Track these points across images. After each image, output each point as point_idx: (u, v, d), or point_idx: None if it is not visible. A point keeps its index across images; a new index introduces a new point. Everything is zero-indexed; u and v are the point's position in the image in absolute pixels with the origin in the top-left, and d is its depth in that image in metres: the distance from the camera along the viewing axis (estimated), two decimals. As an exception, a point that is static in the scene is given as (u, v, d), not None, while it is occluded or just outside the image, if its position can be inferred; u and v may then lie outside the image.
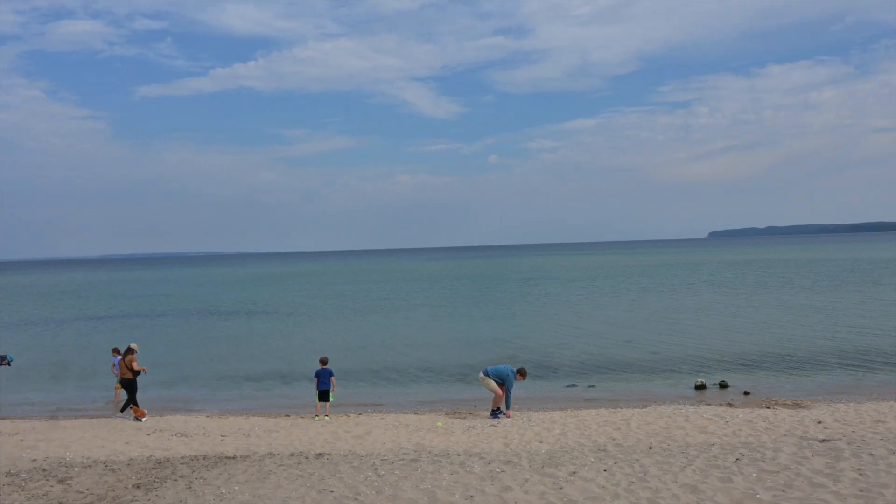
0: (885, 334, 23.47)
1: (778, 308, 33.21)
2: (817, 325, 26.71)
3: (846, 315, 29.29)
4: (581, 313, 34.64)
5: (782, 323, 27.75)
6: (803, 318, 29.09)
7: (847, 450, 9.23)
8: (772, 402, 14.41)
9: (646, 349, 22.55)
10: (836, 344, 22.01)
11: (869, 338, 22.88)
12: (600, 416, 13.10)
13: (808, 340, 22.96)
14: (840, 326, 25.92)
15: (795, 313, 30.75)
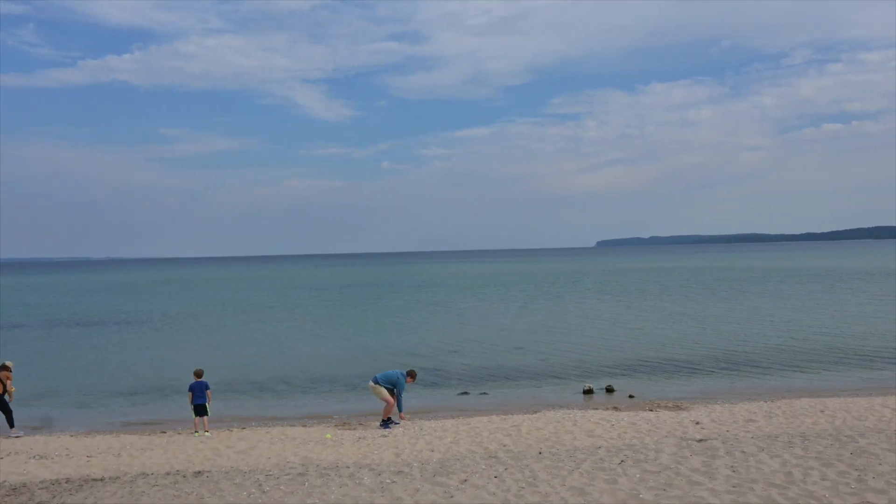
0: (753, 340, 25.49)
1: (658, 315, 35.30)
2: (693, 331, 28.59)
3: (719, 321, 31.58)
4: (472, 321, 35.24)
5: (662, 329, 29.49)
6: (681, 324, 31.07)
7: (722, 448, 9.90)
8: (654, 404, 15.25)
9: (535, 356, 23.24)
10: (711, 349, 23.65)
11: (738, 343, 24.75)
12: (492, 422, 13.33)
13: (686, 345, 24.52)
14: (714, 332, 27.88)
15: (674, 320, 32.79)
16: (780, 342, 24.55)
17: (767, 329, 28.23)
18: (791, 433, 11.10)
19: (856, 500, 6.88)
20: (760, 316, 33.07)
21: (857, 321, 29.98)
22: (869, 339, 24.65)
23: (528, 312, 38.79)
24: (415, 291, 60.95)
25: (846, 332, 26.71)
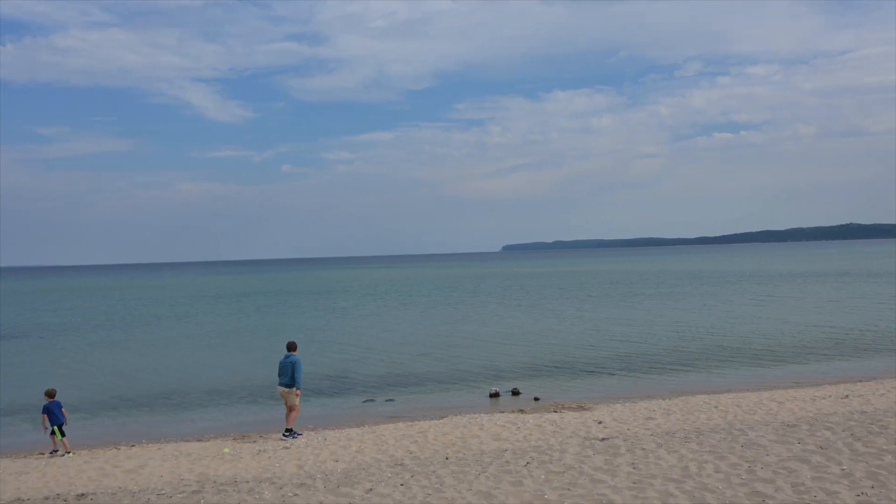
0: (650, 340, 26.75)
1: (560, 318, 36.45)
2: (594, 333, 29.67)
3: (617, 323, 32.96)
4: (376, 327, 35.08)
5: (564, 332, 30.43)
6: (582, 326, 32.19)
7: (623, 446, 10.29)
8: (559, 406, 15.68)
9: (441, 361, 23.39)
10: (612, 350, 24.60)
11: (637, 344, 25.89)
12: (398, 430, 13.28)
13: (588, 347, 25.40)
14: (613, 334, 29.05)
15: (575, 322, 33.94)
16: (675, 342, 25.88)
17: (662, 330, 29.70)
18: (687, 429, 11.68)
19: (746, 490, 7.32)
20: (656, 317, 34.81)
21: (743, 321, 32.10)
22: (755, 337, 26.41)
23: (431, 318, 39.04)
24: (317, 298, 59.99)
25: (734, 331, 28.51)
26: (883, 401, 13.80)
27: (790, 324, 30.14)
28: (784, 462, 8.39)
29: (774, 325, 29.76)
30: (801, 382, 17.76)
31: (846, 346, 23.53)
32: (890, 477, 7.34)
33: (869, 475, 7.47)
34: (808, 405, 13.99)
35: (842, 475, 7.56)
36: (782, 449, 9.16)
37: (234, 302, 58.82)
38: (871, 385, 16.34)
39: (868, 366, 19.86)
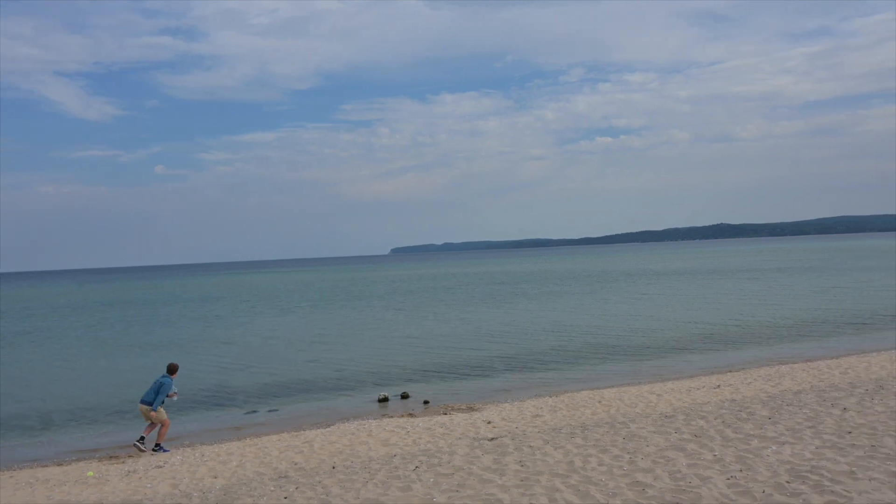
0: (536, 339, 27.57)
1: (447, 319, 36.87)
2: (482, 333, 30.22)
3: (504, 323, 33.76)
4: (257, 334, 34.05)
5: (452, 333, 30.78)
6: (470, 327, 32.71)
7: (511, 445, 10.48)
8: (448, 408, 15.80)
9: (327, 367, 23.00)
10: (500, 350, 25.11)
11: (523, 343, 26.61)
12: (282, 440, 12.89)
13: (476, 348, 25.80)
14: (500, 333, 29.71)
15: (462, 323, 34.44)
16: (559, 340, 26.80)
17: (547, 329, 30.70)
18: (573, 424, 12.08)
19: (627, 480, 7.63)
20: (540, 317, 35.98)
21: (622, 318, 33.78)
22: (633, 333, 27.82)
23: (315, 323, 38.40)
24: (191, 307, 57.45)
25: (614, 328, 29.92)
26: (750, 389, 14.89)
27: (663, 320, 32.01)
28: (662, 451, 8.83)
29: (650, 322, 31.50)
30: (678, 375, 18.85)
31: (716, 340, 25.25)
32: (756, 460, 7.89)
33: (738, 459, 7.99)
34: (685, 396, 14.87)
35: (714, 461, 8.04)
36: (661, 439, 9.64)
37: (97, 313, 55.18)
38: (740, 375, 17.60)
39: (737, 357, 21.39)
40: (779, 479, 7.02)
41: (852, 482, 6.71)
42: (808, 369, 17.18)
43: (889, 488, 6.44)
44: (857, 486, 6.60)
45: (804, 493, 6.52)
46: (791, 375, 16.37)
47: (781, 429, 9.47)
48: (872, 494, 6.32)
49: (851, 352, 20.59)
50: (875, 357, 18.38)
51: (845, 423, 9.42)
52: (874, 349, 20.63)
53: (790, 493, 6.59)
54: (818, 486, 6.68)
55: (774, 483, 6.92)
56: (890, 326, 26.27)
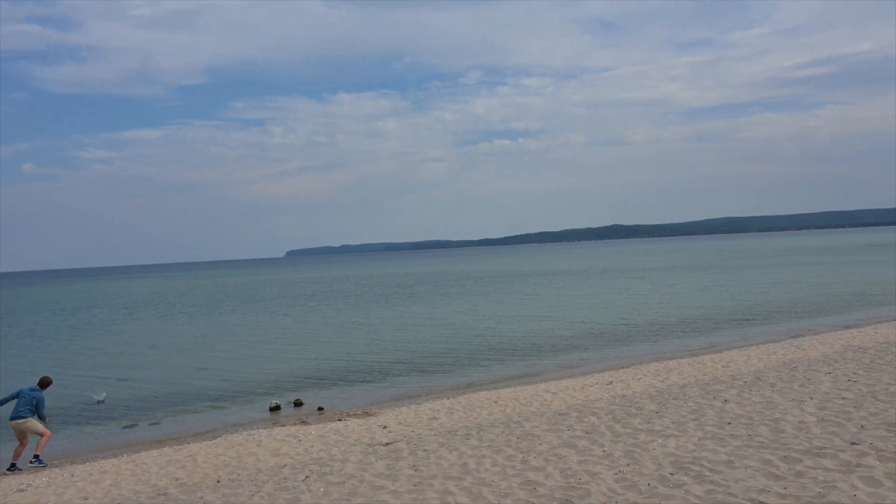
0: (434, 341, 27.70)
1: (343, 323, 36.49)
2: (377, 336, 30.07)
3: (400, 325, 33.77)
4: (136, 343, 32.40)
5: (348, 337, 30.46)
6: (366, 330, 32.49)
7: (406, 449, 10.42)
8: (344, 414, 15.55)
9: (215, 376, 22.15)
10: (396, 353, 25.04)
11: (419, 345, 26.67)
12: (163, 455, 12.25)
13: (372, 352, 25.62)
14: (396, 336, 29.68)
15: (358, 327, 34.16)
16: (455, 342, 27.04)
17: (442, 330, 30.93)
18: (469, 426, 12.17)
19: (519, 480, 7.74)
20: (435, 318, 36.26)
21: (518, 318, 34.56)
22: (528, 333, 28.49)
23: (202, 330, 37.02)
24: (63, 315, 53.95)
25: (510, 328, 30.54)
26: (640, 384, 15.53)
27: (557, 320, 32.99)
28: (555, 449, 9.02)
29: (544, 322, 32.36)
30: (573, 373, 19.43)
31: (608, 337, 26.24)
32: (643, 454, 8.19)
33: (626, 454, 8.27)
34: (578, 393, 15.31)
35: (603, 456, 8.29)
36: (554, 437, 9.85)
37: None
38: (631, 371, 18.34)
39: (628, 353, 22.30)
40: (663, 472, 7.32)
41: (730, 471, 7.09)
42: (693, 364, 18.10)
43: (762, 475, 6.84)
44: (734, 474, 6.97)
45: (686, 484, 6.81)
46: (678, 370, 17.20)
47: (667, 422, 9.90)
48: (748, 482, 6.69)
49: (733, 346, 21.90)
50: (754, 350, 19.63)
51: (725, 415, 9.96)
52: (753, 343, 22.04)
53: (673, 484, 6.87)
54: (699, 477, 7.00)
55: (659, 476, 7.20)
56: (766, 321, 28.19)
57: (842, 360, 14.22)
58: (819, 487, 6.32)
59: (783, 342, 21.13)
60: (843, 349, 16.52)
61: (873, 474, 6.51)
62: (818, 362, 14.44)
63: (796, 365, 14.48)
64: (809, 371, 13.26)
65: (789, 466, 7.03)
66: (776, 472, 6.87)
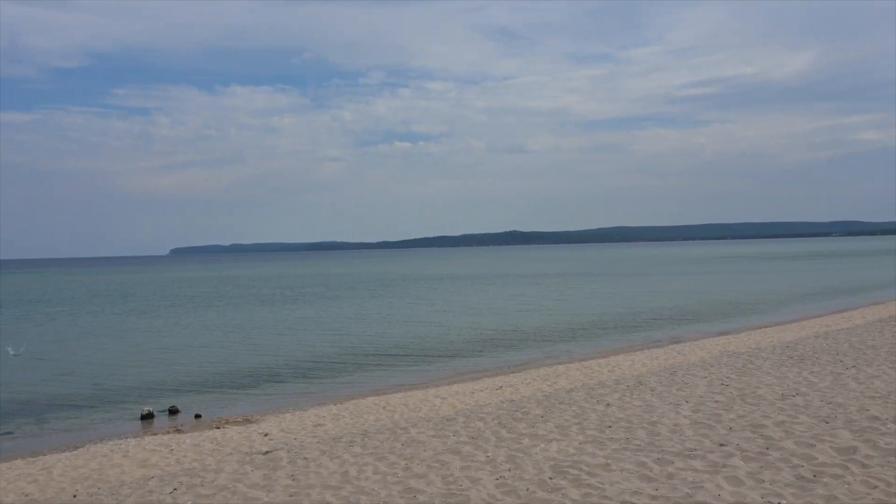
0: (320, 345, 27.23)
1: (224, 325, 35.34)
2: (263, 340, 29.28)
3: (283, 330, 33.05)
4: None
5: (230, 341, 29.48)
6: (249, 334, 31.58)
7: (286, 458, 10.13)
8: (222, 421, 14.98)
9: (82, 381, 20.83)
10: (281, 357, 24.42)
11: (306, 350, 26.11)
12: (14, 469, 11.34)
13: (256, 356, 24.89)
14: (282, 341, 29.01)
15: (240, 330, 33.18)
16: (346, 346, 26.72)
17: (333, 334, 30.54)
18: (354, 432, 11.99)
19: (400, 487, 7.67)
20: (322, 322, 35.74)
21: (410, 322, 34.62)
22: (421, 338, 28.55)
23: (68, 331, 34.83)
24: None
25: (401, 332, 30.51)
26: (529, 389, 15.84)
27: (449, 325, 33.29)
28: (438, 455, 9.02)
29: (435, 327, 32.53)
30: (464, 377, 19.59)
31: (500, 342, 26.68)
32: (525, 458, 8.32)
33: (508, 459, 8.38)
34: (468, 398, 15.44)
35: (486, 462, 8.36)
36: (438, 443, 9.86)
37: None
38: (521, 375, 18.70)
39: (520, 358, 22.74)
40: (543, 476, 7.45)
41: (606, 474, 7.30)
42: (581, 368, 18.69)
43: (636, 477, 7.09)
44: (610, 477, 7.18)
45: (564, 488, 6.96)
46: (566, 375, 17.69)
47: (551, 426, 10.13)
48: (622, 484, 6.91)
49: (620, 351, 22.80)
50: (638, 355, 20.51)
51: (607, 418, 10.30)
52: (638, 348, 23.03)
53: (551, 488, 7.01)
54: (577, 480, 7.17)
55: (538, 480, 7.33)
56: (651, 327, 29.55)
57: (717, 365, 15.06)
58: (688, 488, 6.61)
59: (666, 347, 22.19)
60: (720, 354, 17.51)
61: (737, 474, 6.89)
62: (696, 367, 15.23)
63: (676, 369, 15.22)
64: (687, 375, 13.96)
65: (662, 468, 7.33)
66: (649, 474, 7.14)
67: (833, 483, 6.52)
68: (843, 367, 13.14)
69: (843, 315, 27.84)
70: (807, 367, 13.52)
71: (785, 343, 18.31)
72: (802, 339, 19.02)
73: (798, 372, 13.08)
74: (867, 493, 6.19)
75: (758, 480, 6.71)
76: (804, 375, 12.61)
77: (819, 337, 18.93)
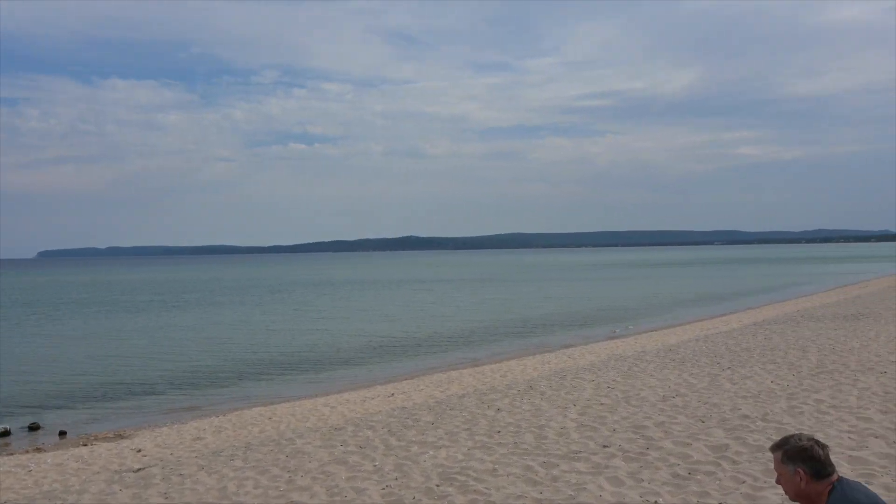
0: (197, 355, 26.24)
1: (94, 333, 33.63)
2: (134, 350, 27.91)
3: (161, 339, 31.73)
4: None
5: (100, 349, 28.00)
6: (120, 342, 30.10)
7: (159, 475, 9.68)
8: (90, 438, 14.16)
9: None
10: (159, 368, 23.35)
11: (188, 360, 25.14)
12: None
13: (128, 367, 23.68)
14: (159, 351, 27.73)
15: (112, 338, 31.59)
16: (229, 355, 25.90)
17: (212, 343, 29.51)
18: (236, 445, 11.61)
19: (282, 501, 7.49)
20: (201, 331, 34.60)
21: (300, 331, 34.07)
22: (313, 346, 28.10)
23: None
24: None
25: (289, 341, 29.94)
26: (421, 395, 15.89)
27: (340, 331, 33.00)
28: (324, 466, 8.88)
29: (326, 334, 32.06)
30: (356, 385, 19.41)
31: (393, 349, 26.66)
32: (413, 466, 8.32)
33: (396, 468, 8.35)
34: (358, 407, 15.31)
35: (373, 471, 8.30)
36: (325, 453, 9.71)
37: None
38: (414, 382, 18.74)
39: (414, 365, 22.79)
40: (430, 484, 7.48)
41: (493, 479, 7.42)
42: (474, 374, 18.93)
43: (523, 482, 7.24)
44: (496, 482, 7.30)
45: (450, 495, 7.01)
46: (459, 380, 17.87)
47: (441, 433, 10.19)
48: (508, 489, 7.04)
49: (512, 356, 23.27)
50: (530, 360, 21.00)
51: (496, 423, 10.47)
52: (530, 353, 23.59)
53: (438, 496, 7.04)
54: (463, 487, 7.24)
55: (425, 488, 7.35)
56: (543, 332, 30.37)
57: (604, 369, 15.66)
58: (571, 490, 6.82)
59: (557, 352, 22.85)
60: (608, 358, 18.21)
61: (618, 474, 7.17)
62: (584, 370, 15.77)
63: (565, 373, 15.70)
64: (576, 379, 14.42)
65: (547, 471, 7.52)
66: (535, 478, 7.31)
67: (706, 480, 6.90)
68: (719, 369, 13.97)
69: (721, 319, 29.61)
70: (687, 370, 14.27)
71: (668, 346, 19.26)
72: (684, 342, 20.08)
73: (679, 374, 13.79)
74: (736, 489, 6.59)
75: (637, 480, 7.01)
76: (684, 377, 13.31)
77: (699, 340, 20.05)
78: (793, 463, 3.30)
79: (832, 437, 8.08)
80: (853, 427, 8.54)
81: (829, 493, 3.23)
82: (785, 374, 12.79)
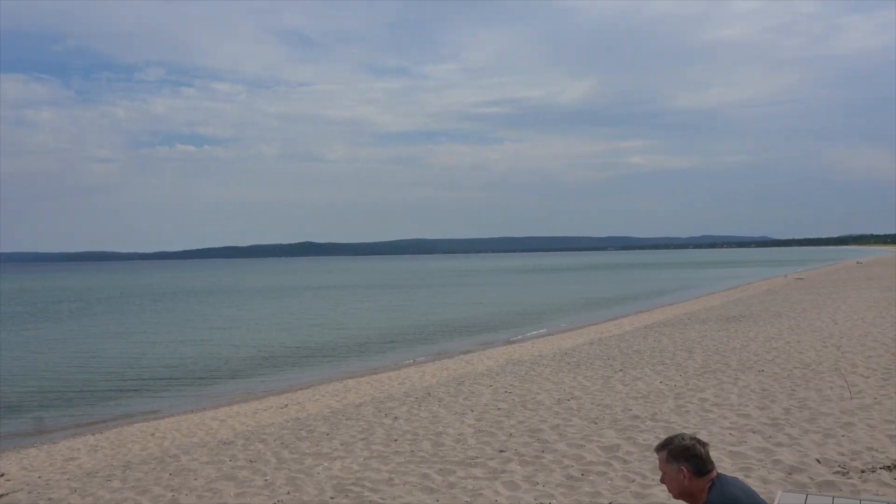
0: (68, 369, 24.86)
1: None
2: (9, 363, 26.17)
3: (23, 353, 29.91)
4: None
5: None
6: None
7: (25, 500, 9.07)
8: (-56, 464, 13.08)
9: None
10: (26, 383, 21.95)
11: (49, 373, 23.80)
12: None
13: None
14: (31, 364, 26.17)
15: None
16: (103, 368, 24.65)
17: (86, 356, 27.95)
18: (114, 465, 11.04)
19: (163, 521, 7.17)
20: (74, 340, 33.00)
21: (179, 342, 32.88)
22: (195, 358, 27.13)
23: None
24: None
25: (169, 352, 28.80)
26: (316, 405, 15.63)
27: (229, 342, 32.10)
28: (211, 483, 8.57)
29: (213, 345, 31.06)
30: (247, 397, 18.88)
31: (287, 359, 26.13)
32: (306, 479, 8.16)
33: (288, 481, 8.17)
34: (249, 419, 14.89)
35: (264, 486, 8.08)
36: (212, 469, 9.37)
37: None
38: (310, 392, 18.42)
39: (309, 374, 22.40)
40: (324, 497, 7.36)
41: (389, 489, 7.38)
42: (372, 382, 18.81)
43: (419, 489, 7.25)
44: (392, 491, 7.27)
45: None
46: (356, 389, 17.71)
47: (336, 444, 10.05)
48: (405, 498, 7.03)
49: (411, 363, 23.29)
50: (429, 367, 21.09)
51: (393, 432, 10.44)
52: (429, 360, 23.69)
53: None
54: (359, 498, 7.17)
55: (319, 501, 7.22)
56: (441, 339, 30.59)
57: (502, 374, 15.93)
58: (467, 496, 6.88)
59: (455, 357, 23.06)
60: (505, 363, 18.54)
61: (514, 479, 7.30)
62: (482, 376, 15.98)
63: (463, 379, 15.85)
64: (474, 385, 14.59)
65: (444, 478, 7.56)
66: (431, 486, 7.33)
67: (598, 480, 7.14)
68: (612, 371, 14.50)
69: (615, 322, 30.78)
70: (581, 373, 14.74)
71: (564, 350, 19.82)
72: (579, 345, 20.72)
73: (574, 377, 14.21)
74: (626, 487, 6.84)
75: (532, 483, 7.16)
76: (579, 380, 13.73)
77: (594, 343, 20.75)
78: (677, 461, 3.46)
79: (715, 433, 8.55)
80: (734, 423, 9.06)
81: (709, 490, 3.41)
82: (673, 374, 13.43)
